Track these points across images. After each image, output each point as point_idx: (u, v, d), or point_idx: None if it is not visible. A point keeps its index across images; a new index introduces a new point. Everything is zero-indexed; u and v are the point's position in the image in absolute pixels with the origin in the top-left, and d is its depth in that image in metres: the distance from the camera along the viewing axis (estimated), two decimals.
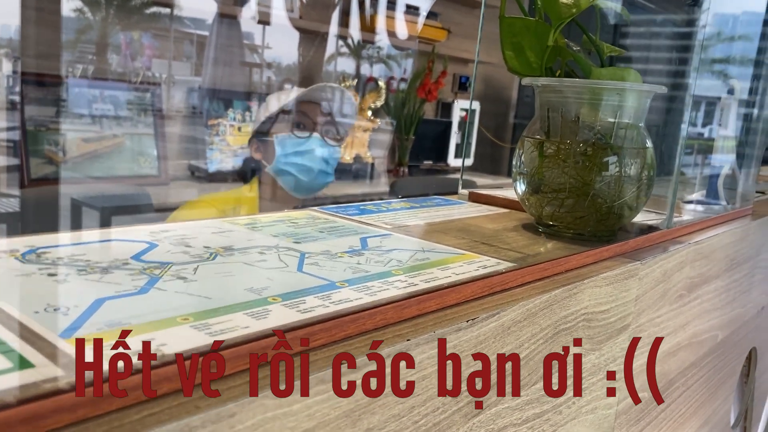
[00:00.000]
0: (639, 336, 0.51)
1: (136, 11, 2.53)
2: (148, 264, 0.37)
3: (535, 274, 0.40)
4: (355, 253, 0.43)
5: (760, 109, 0.92)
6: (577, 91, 0.51)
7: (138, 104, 2.24)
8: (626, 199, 0.51)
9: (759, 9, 1.29)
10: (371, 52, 2.71)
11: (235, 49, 2.56)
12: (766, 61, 1.01)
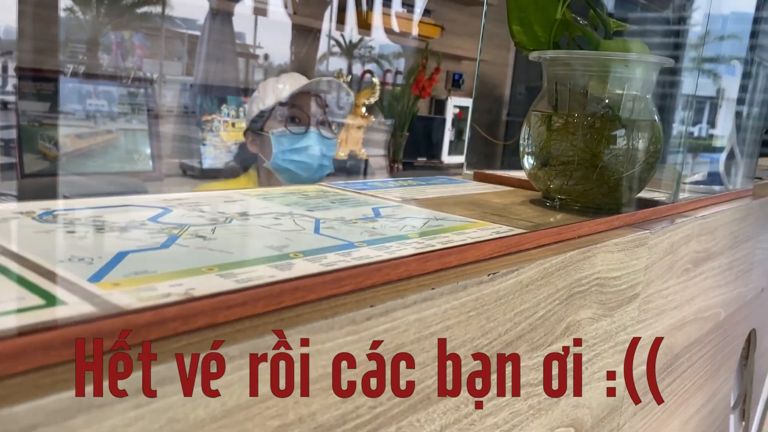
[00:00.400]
0: (647, 306, 0.51)
1: (127, 11, 2.52)
2: (166, 225, 0.37)
3: (551, 237, 0.41)
4: (369, 220, 0.43)
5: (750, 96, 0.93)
6: (586, 63, 0.52)
7: (130, 103, 2.23)
8: (634, 171, 0.52)
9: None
10: (363, 51, 2.71)
11: (227, 45, 2.56)
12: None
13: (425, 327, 0.29)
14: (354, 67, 2.72)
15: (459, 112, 2.92)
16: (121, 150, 2.14)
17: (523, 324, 0.36)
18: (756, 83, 1.02)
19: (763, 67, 1.09)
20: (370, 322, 0.26)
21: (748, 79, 1.04)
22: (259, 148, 1.37)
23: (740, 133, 0.82)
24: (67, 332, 0.19)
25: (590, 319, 0.43)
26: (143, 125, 2.19)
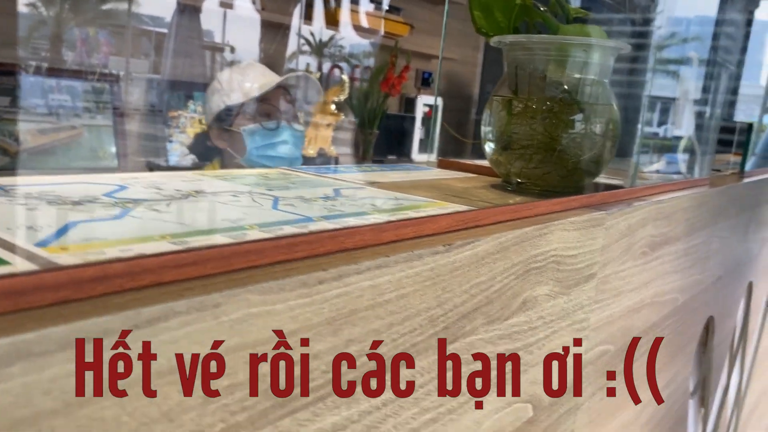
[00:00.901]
0: (604, 287, 0.52)
1: (92, 7, 2.47)
2: (121, 200, 0.36)
3: (507, 215, 0.41)
4: (329, 198, 0.43)
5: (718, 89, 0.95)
6: (545, 47, 0.52)
7: (95, 100, 2.19)
8: (592, 155, 0.53)
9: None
10: (333, 50, 2.71)
11: (195, 41, 2.53)
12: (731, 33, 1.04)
13: (380, 294, 0.29)
14: (324, 66, 2.72)
15: (428, 111, 2.93)
16: (84, 147, 2.10)
17: (479, 296, 0.36)
18: (712, 76, 1.05)
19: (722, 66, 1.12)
20: (323, 286, 0.26)
21: (707, 72, 1.07)
22: (227, 143, 1.36)
23: (698, 124, 0.84)
24: (6, 283, 0.19)
25: (547, 296, 0.44)
26: (108, 121, 2.16)
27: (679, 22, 1.48)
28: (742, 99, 3.42)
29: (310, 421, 0.27)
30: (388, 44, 2.66)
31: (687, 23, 1.66)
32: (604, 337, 0.54)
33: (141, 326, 0.20)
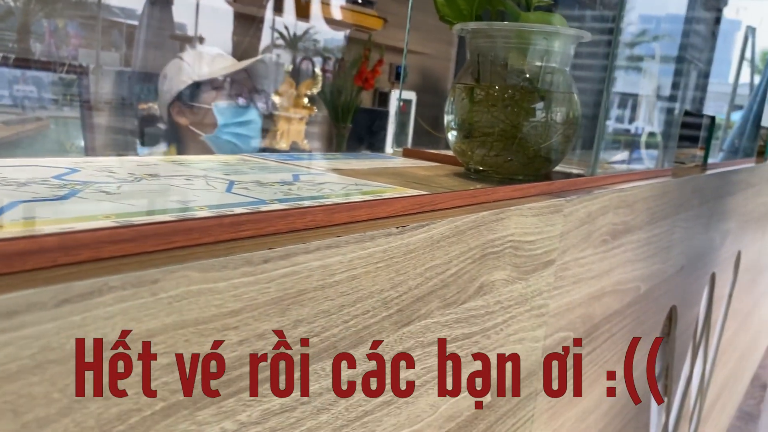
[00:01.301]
0: (564, 273, 0.52)
1: None
2: (70, 182, 0.36)
3: (465, 200, 0.41)
4: (286, 183, 0.43)
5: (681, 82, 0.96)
6: (506, 35, 0.52)
7: (63, 92, 2.15)
8: (552, 142, 0.53)
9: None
10: (308, 42, 2.69)
11: (167, 32, 2.49)
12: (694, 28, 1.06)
13: (330, 275, 0.29)
14: (297, 58, 2.70)
15: (402, 105, 2.93)
16: (51, 139, 2.06)
17: (434, 280, 0.36)
18: (679, 72, 1.06)
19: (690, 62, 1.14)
20: (268, 264, 0.26)
21: (675, 68, 1.09)
22: (191, 120, 1.33)
23: (660, 117, 0.85)
24: None
25: (504, 281, 0.44)
26: (76, 113, 2.12)
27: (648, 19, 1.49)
28: (711, 96, 3.47)
29: (257, 401, 0.27)
30: (362, 38, 2.66)
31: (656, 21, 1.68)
32: (564, 323, 0.55)
33: (73, 301, 0.20)
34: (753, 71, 3.17)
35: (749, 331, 1.75)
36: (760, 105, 1.52)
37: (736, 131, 1.67)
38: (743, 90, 3.16)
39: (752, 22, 3.19)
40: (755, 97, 1.77)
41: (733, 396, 1.80)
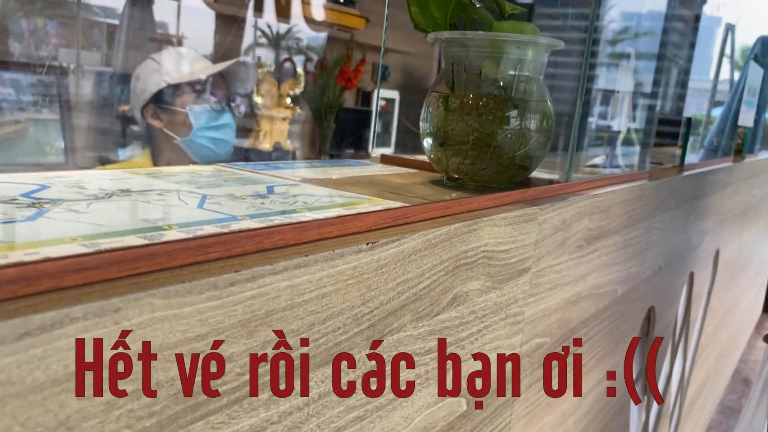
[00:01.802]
0: (539, 280, 0.53)
1: None
2: (38, 200, 0.35)
3: (438, 211, 0.41)
4: (260, 196, 0.43)
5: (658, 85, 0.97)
6: (479, 44, 0.53)
7: (43, 93, 2.13)
8: (526, 150, 0.53)
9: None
10: (291, 42, 2.69)
11: (148, 33, 2.48)
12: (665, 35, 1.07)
13: (298, 294, 0.29)
14: (280, 59, 2.69)
15: (385, 104, 2.93)
16: (30, 141, 2.04)
17: (406, 293, 0.37)
18: (658, 71, 1.07)
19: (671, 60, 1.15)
20: (235, 287, 0.26)
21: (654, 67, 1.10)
22: (165, 123, 1.32)
23: (637, 118, 0.86)
24: None
25: (479, 290, 0.44)
26: (55, 115, 2.10)
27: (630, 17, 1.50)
28: (693, 93, 3.49)
29: (225, 424, 0.27)
30: (344, 37, 2.65)
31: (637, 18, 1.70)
32: (540, 330, 0.55)
33: (32, 334, 0.20)
34: (733, 68, 3.21)
35: (729, 327, 1.77)
36: (738, 104, 1.53)
37: (716, 129, 1.68)
38: (724, 86, 3.19)
39: (732, 19, 3.23)
40: (734, 95, 1.79)
41: (714, 392, 1.82)
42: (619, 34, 1.32)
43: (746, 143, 1.52)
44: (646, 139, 0.86)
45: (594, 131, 0.87)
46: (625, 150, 0.82)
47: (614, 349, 0.78)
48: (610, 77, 1.01)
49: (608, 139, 0.81)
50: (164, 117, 1.29)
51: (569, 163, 0.60)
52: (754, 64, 1.58)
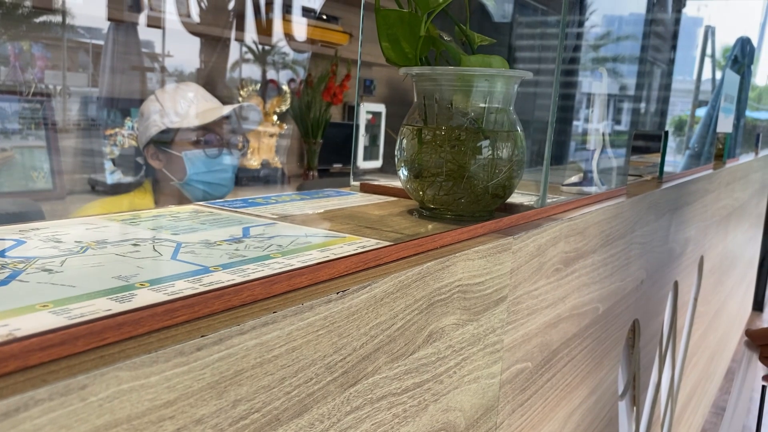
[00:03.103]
0: (517, 308, 0.53)
1: (24, 20, 2.40)
2: (12, 259, 0.36)
3: (410, 250, 0.42)
4: (235, 240, 0.44)
5: (636, 102, 0.98)
6: (449, 78, 0.54)
7: (30, 117, 2.13)
8: (499, 180, 0.54)
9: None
10: (276, 58, 2.70)
11: (133, 56, 2.48)
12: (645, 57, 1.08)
13: (267, 351, 0.30)
14: (269, 74, 2.70)
15: (372, 118, 2.94)
16: (17, 169, 2.04)
17: (380, 336, 0.37)
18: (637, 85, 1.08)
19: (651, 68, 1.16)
20: (202, 352, 0.26)
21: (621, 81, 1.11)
22: (164, 164, 1.33)
23: (614, 134, 0.87)
24: None
25: (455, 324, 0.45)
26: (41, 141, 2.10)
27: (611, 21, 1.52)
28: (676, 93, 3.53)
29: None
30: (329, 54, 2.67)
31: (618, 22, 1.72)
32: (520, 355, 0.56)
33: None
34: (714, 68, 3.24)
35: (718, 330, 1.79)
36: (718, 111, 1.55)
37: (698, 135, 1.70)
38: (706, 86, 3.22)
39: (711, 21, 3.26)
40: (714, 102, 1.81)
41: (707, 395, 1.83)
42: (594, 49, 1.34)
43: (726, 148, 1.53)
44: (623, 155, 0.87)
45: (571, 148, 0.89)
46: (602, 166, 0.83)
47: (599, 364, 0.78)
48: (585, 93, 1.02)
49: (585, 156, 0.82)
50: (163, 158, 1.31)
51: (543, 188, 0.61)
52: (730, 72, 1.60)
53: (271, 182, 2.57)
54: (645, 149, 1.39)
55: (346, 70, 2.65)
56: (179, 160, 1.30)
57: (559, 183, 0.79)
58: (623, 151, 0.85)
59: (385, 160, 3.14)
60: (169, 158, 1.32)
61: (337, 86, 2.62)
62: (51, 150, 2.13)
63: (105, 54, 2.43)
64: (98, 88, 2.44)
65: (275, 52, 2.68)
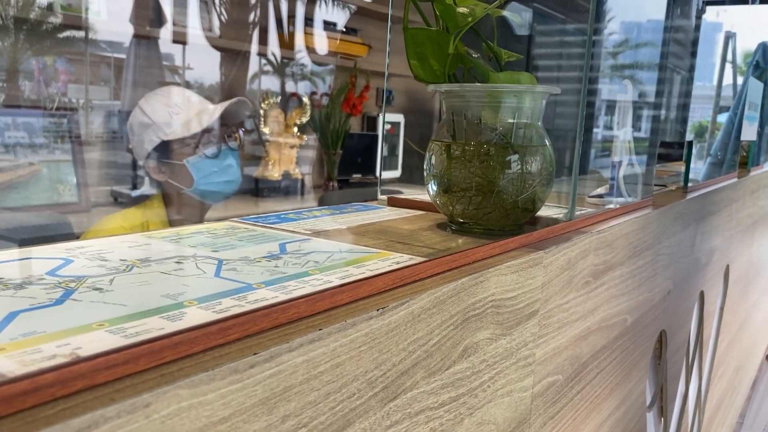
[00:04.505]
0: (548, 321, 0.54)
1: (49, 35, 2.45)
2: (64, 278, 0.37)
3: (444, 266, 0.43)
4: (273, 257, 0.45)
5: (657, 109, 0.99)
6: (477, 94, 0.54)
7: (54, 131, 2.18)
8: (528, 194, 0.55)
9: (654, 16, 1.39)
10: (295, 69, 2.73)
11: (154, 70, 2.52)
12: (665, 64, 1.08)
13: (314, 367, 0.31)
14: (287, 86, 2.73)
15: (391, 128, 2.96)
16: (44, 182, 2.08)
17: (417, 352, 0.38)
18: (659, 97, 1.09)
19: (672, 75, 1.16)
20: (254, 369, 0.27)
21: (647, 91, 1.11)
22: (168, 175, 1.33)
23: (638, 144, 0.87)
24: None
25: (488, 339, 0.45)
26: (67, 155, 2.14)
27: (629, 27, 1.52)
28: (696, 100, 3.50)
29: None
30: (348, 65, 2.69)
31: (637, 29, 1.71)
32: (551, 368, 0.56)
33: None
34: (735, 74, 3.21)
35: (744, 340, 1.77)
36: (740, 118, 1.54)
37: (720, 143, 1.69)
38: (727, 92, 3.20)
39: (732, 27, 3.24)
40: (735, 109, 1.80)
41: (734, 406, 1.81)
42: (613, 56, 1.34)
43: (750, 156, 1.52)
44: (649, 166, 0.88)
45: (596, 159, 0.89)
46: (628, 177, 0.83)
47: (627, 376, 0.78)
48: (607, 101, 1.02)
49: (608, 165, 0.82)
50: (166, 170, 1.30)
51: (572, 201, 0.61)
52: (753, 80, 1.59)
53: (291, 193, 2.59)
54: (666, 156, 1.39)
55: (365, 81, 2.67)
56: (183, 169, 1.29)
57: (584, 194, 0.80)
58: (648, 161, 0.86)
59: (404, 169, 3.16)
60: (173, 169, 1.31)
61: (356, 97, 2.64)
62: (76, 163, 2.18)
63: (127, 68, 2.47)
64: (120, 101, 2.49)
65: (294, 64, 2.71)
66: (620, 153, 0.83)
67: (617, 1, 1.41)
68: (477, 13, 0.53)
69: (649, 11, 1.60)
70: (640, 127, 0.99)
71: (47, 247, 0.45)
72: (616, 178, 0.78)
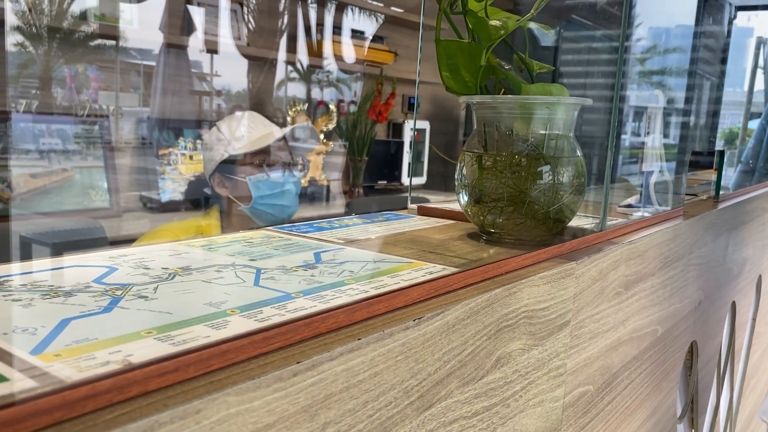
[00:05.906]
0: (579, 332, 0.54)
1: (80, 44, 2.51)
2: (110, 286, 0.39)
3: (477, 276, 0.43)
4: (309, 266, 0.46)
5: (686, 116, 0.98)
6: (509, 106, 0.55)
7: (86, 137, 2.23)
8: (560, 205, 0.55)
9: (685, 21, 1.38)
10: (321, 76, 2.75)
11: (183, 78, 2.57)
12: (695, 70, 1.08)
13: (353, 375, 0.31)
14: (313, 92, 2.75)
15: (417, 135, 2.97)
16: (76, 187, 2.13)
17: (452, 362, 0.39)
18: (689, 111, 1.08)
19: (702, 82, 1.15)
20: (297, 377, 0.28)
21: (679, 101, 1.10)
22: (230, 191, 1.38)
23: (668, 152, 0.87)
24: (4, 414, 0.21)
25: (521, 350, 0.46)
26: (99, 161, 2.19)
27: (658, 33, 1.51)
28: (726, 106, 3.45)
29: None
30: (374, 72, 2.70)
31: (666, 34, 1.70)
32: (582, 379, 0.56)
33: None
34: (767, 80, 3.16)
35: None
36: None
37: (751, 151, 1.67)
38: (758, 97, 3.15)
39: (763, 32, 3.19)
40: (767, 116, 1.77)
41: None
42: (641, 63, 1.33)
43: None
44: (679, 174, 0.87)
45: (625, 167, 0.89)
46: (659, 186, 0.83)
47: (657, 387, 0.78)
48: (636, 108, 1.02)
49: (639, 175, 0.82)
50: (229, 185, 1.36)
51: (603, 212, 0.62)
52: None
53: (317, 200, 2.61)
54: (696, 164, 1.37)
55: (390, 88, 2.69)
56: (244, 186, 1.36)
57: (614, 203, 0.79)
58: (678, 169, 0.85)
59: (429, 176, 3.16)
60: (235, 184, 1.37)
61: (382, 104, 2.66)
62: (107, 169, 2.22)
63: (156, 75, 2.52)
64: (149, 108, 2.53)
65: (320, 72, 2.73)
66: (650, 161, 0.82)
67: (646, 8, 1.40)
68: (509, 26, 0.54)
69: (678, 17, 1.59)
70: (670, 134, 0.99)
71: (92, 254, 0.46)
72: (647, 187, 0.78)
